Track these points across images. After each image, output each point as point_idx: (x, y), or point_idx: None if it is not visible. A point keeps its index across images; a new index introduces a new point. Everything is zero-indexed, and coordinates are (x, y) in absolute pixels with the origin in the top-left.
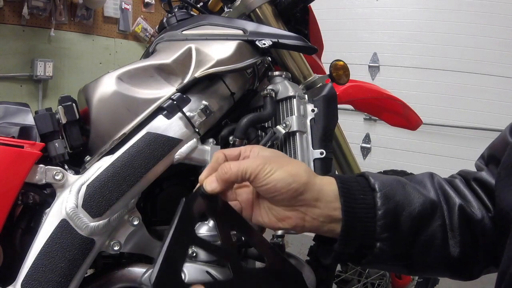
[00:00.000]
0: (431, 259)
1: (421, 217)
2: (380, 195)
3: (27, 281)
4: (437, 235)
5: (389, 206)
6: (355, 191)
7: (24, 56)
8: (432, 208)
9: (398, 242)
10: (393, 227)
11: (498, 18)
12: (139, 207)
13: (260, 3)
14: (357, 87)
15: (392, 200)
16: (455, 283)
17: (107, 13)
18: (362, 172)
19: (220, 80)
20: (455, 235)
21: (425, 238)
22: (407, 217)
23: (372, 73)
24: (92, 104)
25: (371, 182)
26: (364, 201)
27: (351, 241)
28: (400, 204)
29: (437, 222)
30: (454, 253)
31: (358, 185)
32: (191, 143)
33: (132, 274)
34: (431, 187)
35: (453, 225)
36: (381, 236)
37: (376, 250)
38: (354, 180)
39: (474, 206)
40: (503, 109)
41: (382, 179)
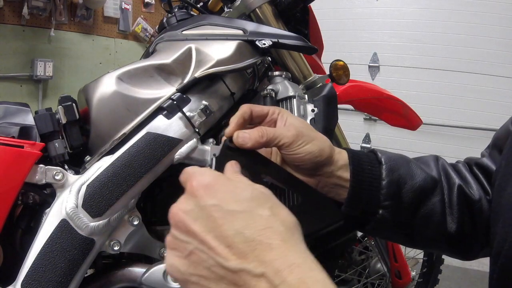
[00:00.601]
0: (430, 232)
1: (422, 191)
2: (385, 168)
3: (27, 281)
4: (436, 210)
5: (393, 178)
6: (364, 163)
7: (24, 56)
8: (433, 184)
9: (399, 211)
10: (395, 197)
11: (498, 18)
12: (139, 207)
13: (260, 3)
14: (357, 87)
15: (396, 173)
16: (455, 283)
17: (107, 13)
18: (372, 149)
19: (220, 80)
20: (453, 212)
21: (424, 211)
22: (409, 189)
23: (372, 73)
24: (92, 104)
25: (378, 156)
26: (371, 172)
27: (356, 204)
28: (403, 177)
29: (436, 197)
30: (451, 229)
31: (367, 158)
32: (191, 143)
33: (132, 274)
34: (434, 167)
35: (451, 203)
36: (384, 204)
37: (379, 216)
38: (363, 154)
39: (473, 188)
40: (503, 109)
41: (388, 155)
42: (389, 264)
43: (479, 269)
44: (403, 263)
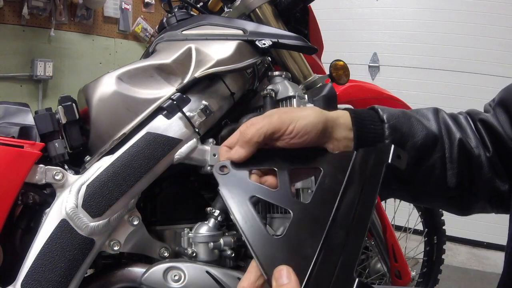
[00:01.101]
0: (431, 187)
1: (423, 148)
2: (388, 126)
3: (27, 281)
4: (437, 166)
5: (395, 137)
6: (366, 121)
7: (24, 56)
8: (434, 141)
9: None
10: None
11: (498, 18)
12: (139, 207)
13: (260, 3)
14: (357, 87)
15: (399, 131)
16: (454, 283)
17: (107, 13)
18: (372, 106)
19: (220, 80)
20: (453, 166)
21: (425, 168)
22: (411, 148)
23: (372, 73)
24: (92, 104)
25: (380, 114)
26: (374, 130)
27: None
28: (405, 136)
29: (437, 154)
30: (451, 184)
31: (369, 117)
32: (191, 143)
33: (132, 274)
34: (434, 120)
35: (452, 157)
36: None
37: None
38: (365, 112)
39: (473, 142)
40: None
41: (390, 111)
42: (389, 264)
43: (479, 269)
44: (403, 263)
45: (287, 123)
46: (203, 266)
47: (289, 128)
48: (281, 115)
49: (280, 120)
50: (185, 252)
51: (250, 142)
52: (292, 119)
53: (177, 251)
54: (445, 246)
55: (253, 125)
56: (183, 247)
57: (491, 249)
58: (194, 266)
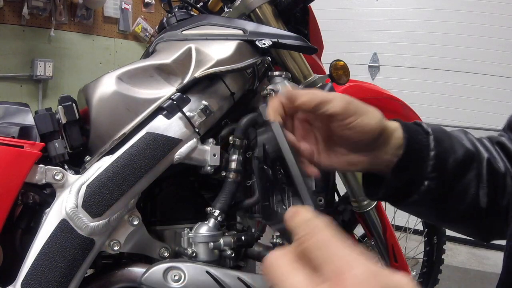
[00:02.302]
0: (464, 207)
1: (463, 164)
2: (433, 138)
3: (27, 281)
4: (472, 184)
5: (440, 149)
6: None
7: (24, 56)
8: (471, 158)
9: (443, 183)
10: (441, 169)
11: (498, 18)
12: (139, 207)
13: (260, 3)
14: (357, 87)
15: (442, 145)
16: (454, 283)
17: (107, 13)
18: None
19: (220, 80)
20: (484, 186)
21: (462, 185)
22: (453, 163)
23: (372, 73)
24: (92, 104)
25: (424, 127)
26: (421, 141)
27: (403, 173)
28: (448, 150)
29: (473, 172)
30: (483, 203)
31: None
32: (191, 143)
33: (132, 274)
34: (467, 140)
35: (482, 177)
36: (430, 175)
37: (423, 188)
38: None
39: (500, 162)
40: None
41: (432, 126)
42: (389, 264)
43: (479, 269)
44: (403, 263)
45: (351, 114)
46: (203, 266)
47: (350, 119)
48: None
49: (346, 107)
50: (185, 252)
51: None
52: (356, 112)
53: (177, 251)
54: (445, 246)
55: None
56: (183, 247)
57: (491, 249)
58: (194, 266)
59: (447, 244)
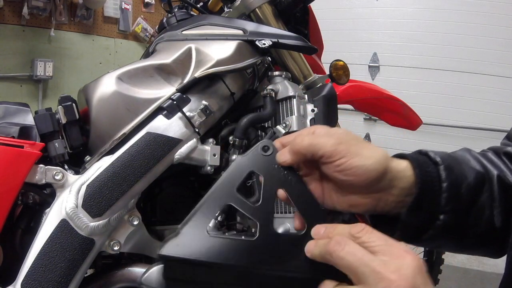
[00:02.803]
0: (481, 230)
1: (476, 189)
2: (443, 168)
3: (27, 281)
4: (486, 206)
5: (452, 178)
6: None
7: (24, 56)
8: (482, 180)
9: (459, 214)
10: (455, 199)
11: (498, 18)
12: (139, 207)
13: (260, 3)
14: (357, 87)
15: (453, 173)
16: (454, 283)
17: (107, 13)
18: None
19: (220, 80)
20: (496, 205)
21: (476, 209)
22: (466, 189)
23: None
24: (92, 104)
25: (431, 156)
26: (431, 174)
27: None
28: (459, 177)
29: (486, 193)
30: (498, 223)
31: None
32: (191, 143)
33: (132, 274)
34: (474, 161)
35: (494, 196)
36: (445, 209)
37: (439, 223)
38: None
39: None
40: (503, 109)
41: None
42: None
43: (479, 269)
44: None
45: (340, 155)
46: None
47: (339, 161)
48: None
49: (334, 148)
50: None
51: (298, 152)
52: (347, 153)
53: None
54: None
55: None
56: None
57: None
58: None
59: None
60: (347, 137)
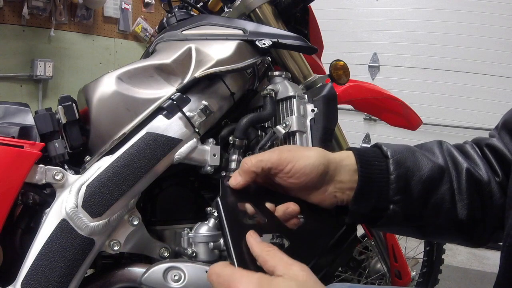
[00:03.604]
0: (441, 221)
1: (430, 181)
2: (392, 161)
3: (27, 281)
4: (446, 198)
5: (401, 171)
6: (371, 158)
7: (24, 56)
8: (440, 173)
9: (409, 204)
10: (405, 190)
11: (498, 18)
12: (139, 207)
13: (260, 3)
14: (357, 87)
15: (403, 166)
16: (454, 283)
17: (107, 13)
18: (376, 143)
19: (220, 80)
20: (463, 198)
21: (434, 201)
22: (417, 181)
23: (372, 73)
24: (92, 104)
25: (383, 150)
26: (378, 167)
27: (365, 202)
28: (411, 170)
29: (445, 186)
30: (462, 216)
31: (373, 153)
32: (191, 143)
33: (132, 274)
34: (439, 153)
35: (461, 189)
36: (394, 199)
37: (390, 212)
38: (369, 149)
39: (482, 169)
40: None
41: (393, 147)
42: (389, 264)
43: (479, 269)
44: (403, 263)
45: (286, 162)
46: (203, 266)
47: (287, 167)
48: (283, 153)
49: (279, 158)
50: (185, 252)
51: (247, 171)
52: (292, 158)
53: (177, 251)
54: (445, 246)
55: (255, 156)
56: (183, 247)
57: (491, 249)
58: (194, 266)
59: (447, 244)
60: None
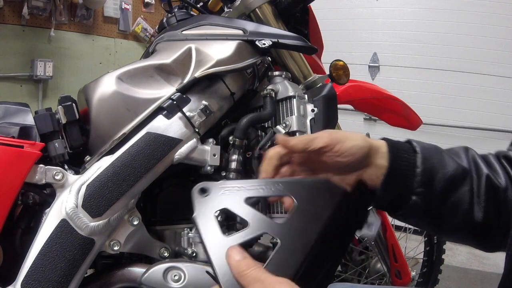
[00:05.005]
0: (457, 220)
1: (453, 180)
2: (420, 156)
3: (27, 281)
4: (465, 199)
5: (426, 166)
6: (401, 150)
7: (24, 56)
8: (463, 174)
9: (430, 198)
10: (428, 184)
11: (498, 18)
12: (139, 207)
13: (260, 3)
14: (357, 87)
15: (430, 162)
16: (454, 283)
17: (107, 13)
18: (408, 138)
19: (220, 80)
20: (480, 201)
21: (454, 199)
22: (441, 178)
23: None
24: (92, 104)
25: (413, 145)
26: (407, 159)
27: (391, 188)
28: (436, 166)
29: (465, 187)
30: (478, 218)
31: (404, 146)
32: (191, 143)
33: (132, 274)
34: (464, 157)
35: (480, 192)
36: (417, 190)
37: (411, 202)
38: (401, 142)
39: (501, 177)
40: (503, 109)
41: (423, 144)
42: (389, 264)
43: (479, 269)
44: (403, 263)
45: (336, 142)
46: (203, 266)
47: (337, 147)
48: (332, 133)
49: (330, 137)
50: (185, 252)
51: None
52: (340, 138)
53: (177, 251)
54: (445, 246)
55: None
56: (183, 247)
57: None
58: (194, 266)
59: (447, 244)
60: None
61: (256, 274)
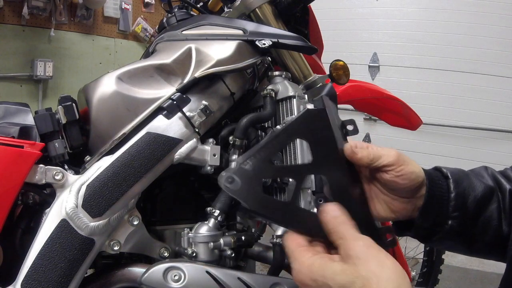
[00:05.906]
0: (488, 237)
1: (483, 200)
2: (452, 181)
3: (27, 281)
4: (494, 216)
5: (459, 190)
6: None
7: (24, 56)
8: (490, 193)
9: (465, 221)
10: (462, 208)
11: (498, 18)
12: (139, 207)
13: (260, 3)
14: (357, 87)
15: (461, 186)
16: (454, 283)
17: (107, 13)
18: (435, 166)
19: (220, 80)
20: (507, 216)
21: (484, 218)
22: (473, 200)
23: (372, 73)
24: (92, 104)
25: (443, 172)
26: (441, 186)
27: (428, 215)
28: (467, 189)
29: (494, 204)
30: (506, 232)
31: (435, 173)
32: (191, 143)
33: (132, 274)
34: (487, 176)
35: (505, 207)
36: (452, 215)
37: (447, 227)
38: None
39: None
40: (503, 109)
41: (451, 170)
42: None
43: (479, 269)
44: (403, 263)
45: (401, 163)
46: (203, 266)
47: (399, 167)
48: (399, 154)
49: (398, 157)
50: (185, 252)
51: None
52: (404, 161)
53: (177, 251)
54: None
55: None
56: (183, 247)
57: None
58: (194, 266)
59: None
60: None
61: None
